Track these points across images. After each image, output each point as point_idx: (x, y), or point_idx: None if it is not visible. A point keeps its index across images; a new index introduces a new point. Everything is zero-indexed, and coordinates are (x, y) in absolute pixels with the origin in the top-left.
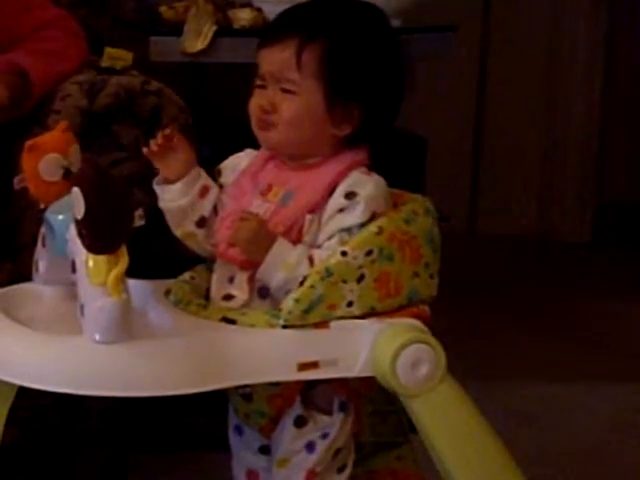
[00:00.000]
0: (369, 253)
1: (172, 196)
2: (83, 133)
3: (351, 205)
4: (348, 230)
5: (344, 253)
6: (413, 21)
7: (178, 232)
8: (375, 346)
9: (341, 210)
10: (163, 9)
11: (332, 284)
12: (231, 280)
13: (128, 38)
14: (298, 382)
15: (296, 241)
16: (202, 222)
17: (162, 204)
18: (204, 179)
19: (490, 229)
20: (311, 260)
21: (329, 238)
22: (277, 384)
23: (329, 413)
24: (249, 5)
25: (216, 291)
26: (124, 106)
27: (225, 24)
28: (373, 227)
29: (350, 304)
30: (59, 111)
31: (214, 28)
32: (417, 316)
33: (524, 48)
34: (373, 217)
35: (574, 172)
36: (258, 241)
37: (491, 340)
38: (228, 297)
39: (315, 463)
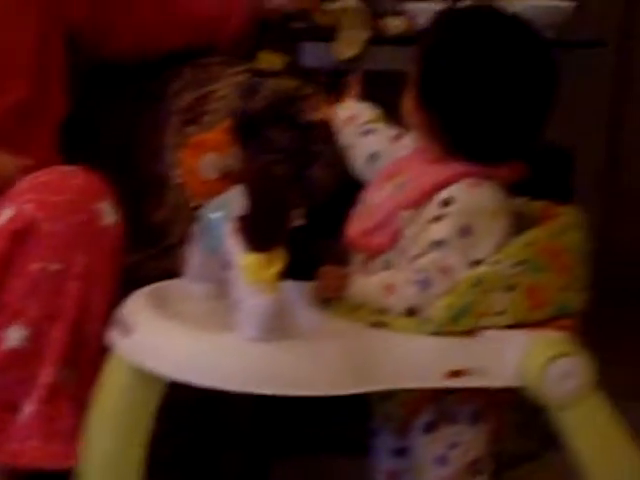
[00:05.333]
0: (520, 263)
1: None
2: (237, 134)
3: (443, 215)
4: (438, 244)
5: (496, 262)
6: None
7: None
8: (525, 357)
9: (435, 219)
10: (317, 15)
11: (482, 292)
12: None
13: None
14: (432, 389)
15: (393, 237)
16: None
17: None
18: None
19: None
20: (390, 289)
21: (420, 254)
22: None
23: (458, 422)
24: (399, 13)
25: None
26: (278, 109)
27: (376, 32)
28: (524, 238)
29: (499, 313)
30: (214, 111)
31: (367, 35)
32: (564, 329)
33: None
34: (467, 231)
35: None
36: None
37: None
38: None
39: (450, 476)
